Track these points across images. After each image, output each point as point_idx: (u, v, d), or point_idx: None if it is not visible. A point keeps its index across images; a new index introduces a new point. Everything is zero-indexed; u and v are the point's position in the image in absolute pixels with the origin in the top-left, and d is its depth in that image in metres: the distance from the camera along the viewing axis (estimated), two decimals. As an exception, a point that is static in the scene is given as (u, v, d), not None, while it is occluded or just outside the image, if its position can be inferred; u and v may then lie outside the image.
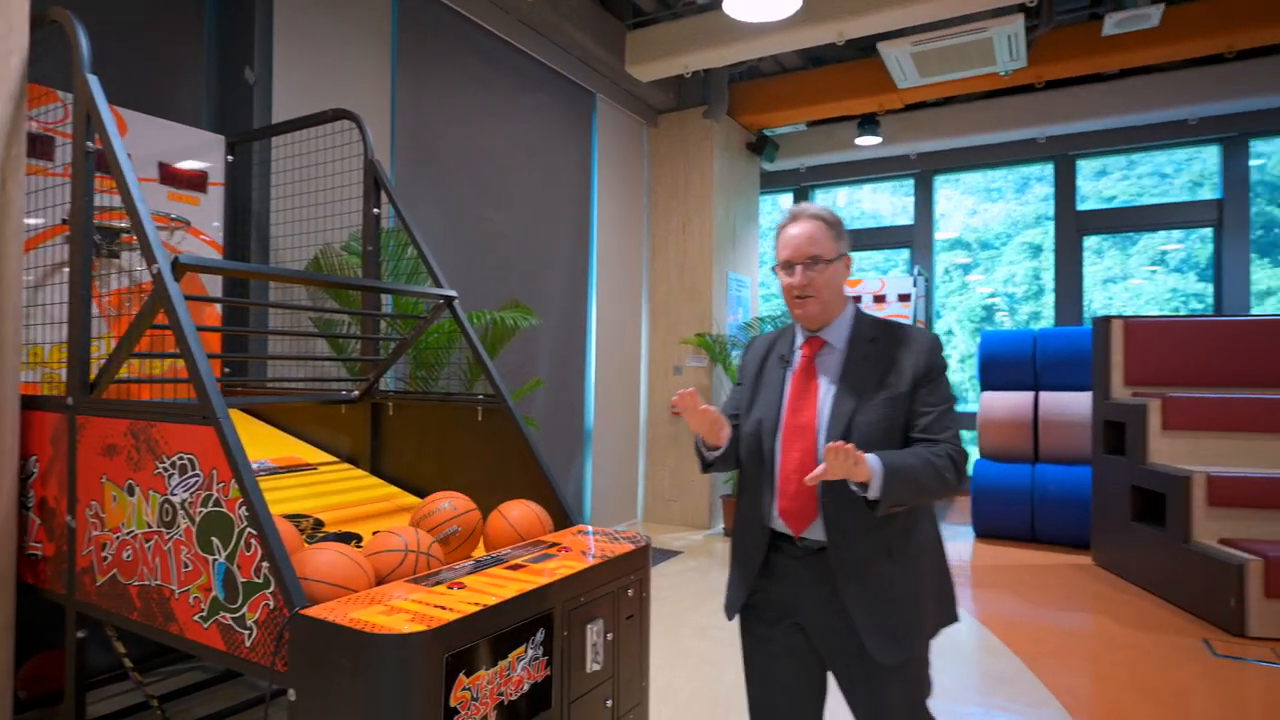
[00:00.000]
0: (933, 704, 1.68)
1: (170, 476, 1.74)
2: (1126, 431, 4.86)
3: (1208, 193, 7.15)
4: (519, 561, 1.82)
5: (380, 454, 2.75)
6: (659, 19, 5.63)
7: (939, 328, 8.40)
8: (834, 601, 1.60)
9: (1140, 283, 7.58)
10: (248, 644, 1.56)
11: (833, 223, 1.66)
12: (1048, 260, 7.86)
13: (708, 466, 1.78)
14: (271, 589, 1.52)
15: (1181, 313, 7.29)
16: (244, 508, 1.57)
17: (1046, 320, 7.86)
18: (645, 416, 6.58)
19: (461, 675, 1.45)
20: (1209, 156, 7.14)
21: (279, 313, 3.45)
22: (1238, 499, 4.15)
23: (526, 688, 1.61)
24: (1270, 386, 4.70)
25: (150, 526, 1.79)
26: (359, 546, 2.03)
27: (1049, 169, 7.66)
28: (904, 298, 7.44)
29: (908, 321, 7.07)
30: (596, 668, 1.82)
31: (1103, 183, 7.67)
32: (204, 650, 1.66)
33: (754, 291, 7.27)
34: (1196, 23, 5.12)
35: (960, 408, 8.31)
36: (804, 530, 1.63)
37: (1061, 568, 5.20)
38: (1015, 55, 5.31)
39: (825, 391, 1.65)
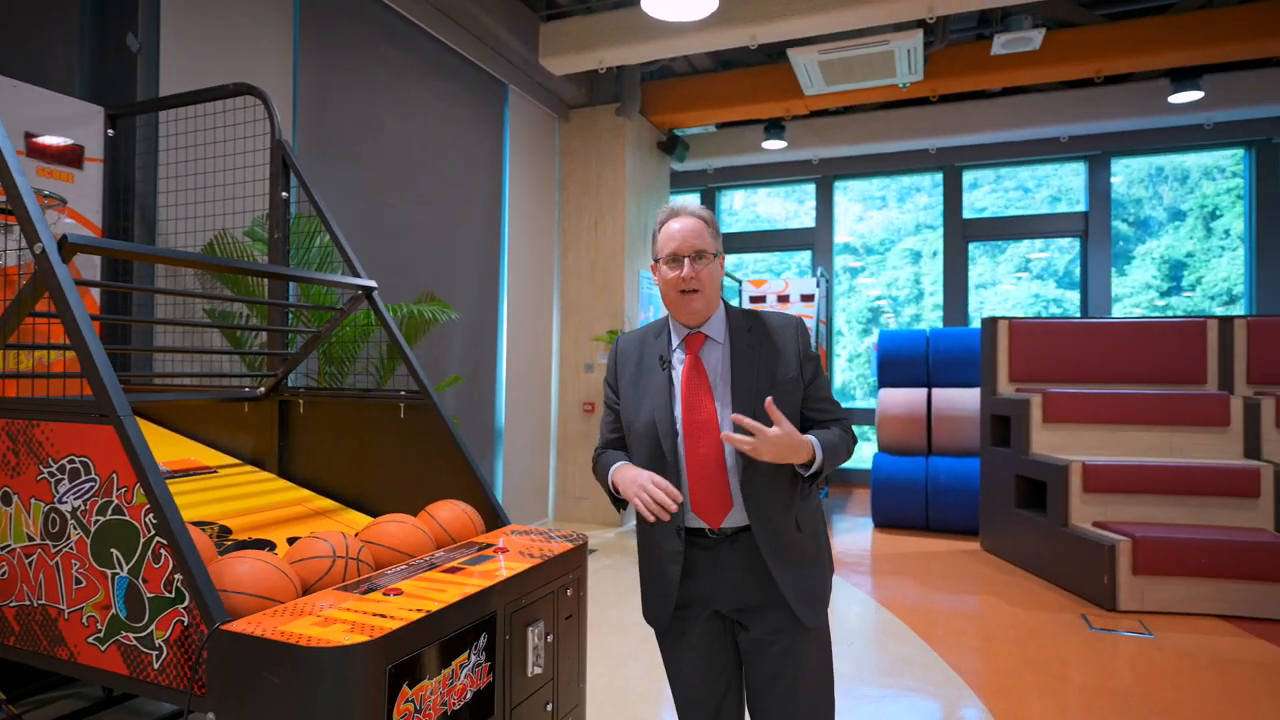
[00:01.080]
0: (848, 688, 1.73)
1: (58, 482, 1.54)
2: (1012, 425, 5.21)
3: (1065, 206, 7.78)
4: (456, 564, 1.74)
5: (289, 455, 2.57)
6: (572, 12, 5.57)
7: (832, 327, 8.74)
8: (757, 580, 1.64)
9: (1009, 288, 8.18)
10: (156, 666, 1.41)
11: (710, 221, 1.70)
12: (927, 265, 8.35)
13: (622, 505, 1.77)
14: (186, 604, 1.38)
15: (1043, 316, 7.90)
16: (151, 515, 1.41)
17: (927, 322, 8.35)
18: (556, 413, 6.50)
19: (404, 687, 1.36)
20: (1075, 171, 7.77)
21: (170, 305, 3.16)
22: (1110, 485, 4.53)
23: (469, 695, 1.54)
24: (1137, 382, 5.16)
25: (32, 539, 1.59)
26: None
27: (939, 178, 8.12)
28: (807, 298, 7.70)
29: (820, 324, 7.36)
30: (538, 670, 1.76)
31: (974, 195, 8.21)
32: (101, 675, 1.49)
33: (664, 290, 7.32)
34: (1071, 48, 5.56)
35: (855, 404, 8.70)
36: (722, 520, 1.64)
37: (953, 554, 5.53)
38: (913, 69, 5.59)
39: (720, 386, 1.66)
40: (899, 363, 6.80)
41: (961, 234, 7.96)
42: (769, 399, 1.51)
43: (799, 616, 1.63)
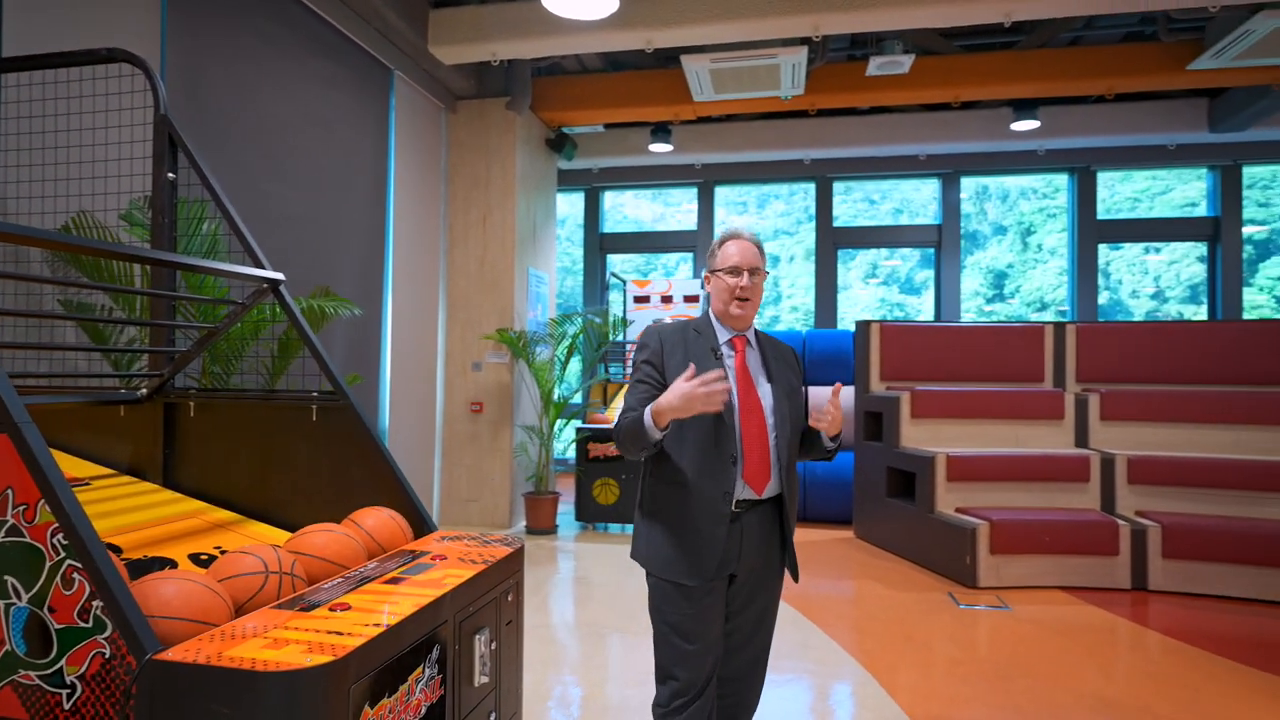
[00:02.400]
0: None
1: (-71, 502, 1.32)
2: (884, 420, 5.61)
3: (925, 219, 8.48)
4: (396, 574, 1.65)
5: (176, 463, 2.33)
6: (466, 1, 5.41)
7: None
8: (768, 543, 1.97)
9: (860, 293, 8.82)
10: (67, 706, 1.25)
11: (760, 244, 2.03)
12: (785, 270, 8.83)
13: (654, 446, 1.85)
14: (107, 633, 1.22)
15: (889, 319, 8.59)
16: (61, 535, 1.25)
17: (785, 324, 8.85)
18: (442, 414, 6.29)
19: (366, 708, 1.29)
20: (930, 187, 8.47)
21: (21, 297, 2.77)
22: (970, 474, 4.99)
23: (424, 711, 1.47)
24: (988, 381, 5.70)
25: (-109, 569, 1.35)
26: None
27: (811, 188, 8.59)
28: (691, 299, 7.91)
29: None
30: (484, 680, 1.71)
31: (842, 204, 8.79)
32: (-10, 722, 1.29)
33: (551, 289, 7.27)
34: (934, 75, 6.06)
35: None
36: (764, 490, 1.92)
37: (830, 542, 5.88)
38: (796, 83, 5.88)
39: (760, 381, 1.98)
40: (778, 362, 7.12)
41: (832, 241, 8.46)
42: (838, 384, 1.92)
43: (790, 571, 2.03)
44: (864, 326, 5.94)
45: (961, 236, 8.29)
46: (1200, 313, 8.02)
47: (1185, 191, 8.14)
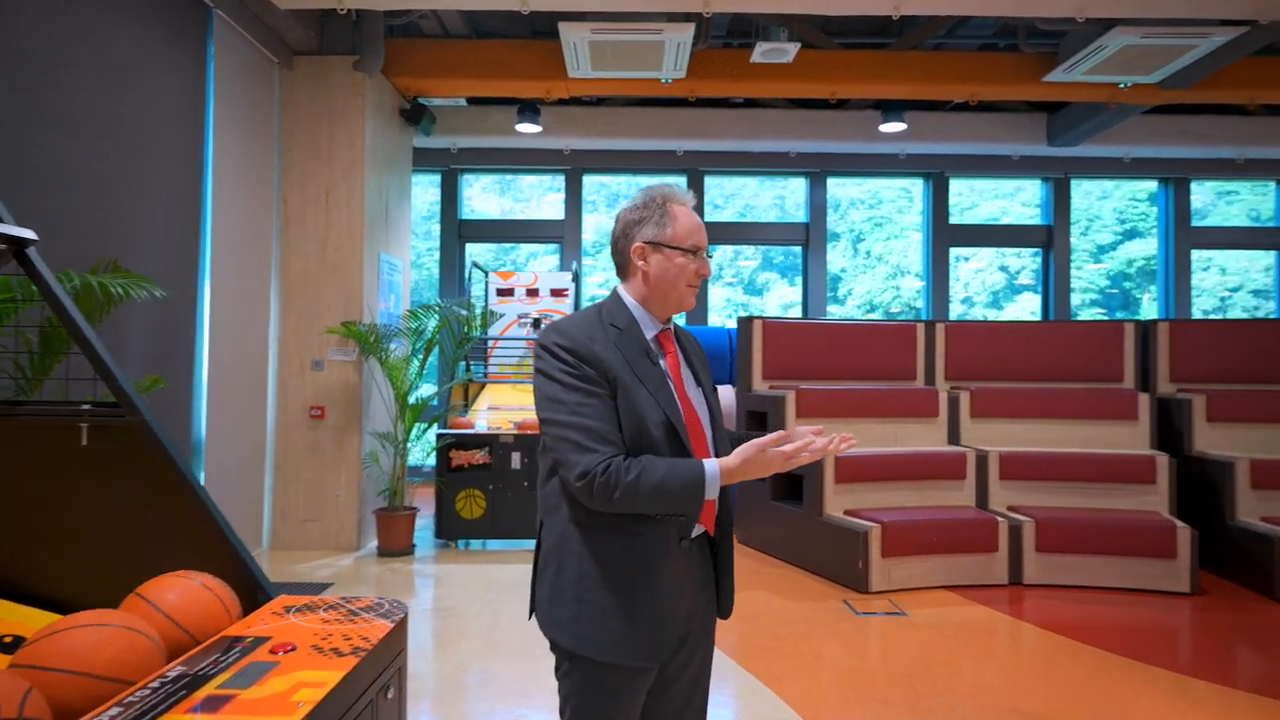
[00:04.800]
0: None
1: None
2: (768, 420, 5.42)
3: (796, 215, 8.53)
4: (217, 689, 1.06)
5: None
6: (305, -66, 4.60)
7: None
8: (709, 578, 1.60)
9: (713, 291, 8.76)
10: None
11: None
12: None
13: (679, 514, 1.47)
14: None
15: (733, 318, 8.63)
16: None
17: None
18: (274, 420, 5.38)
19: None
20: (799, 186, 8.51)
21: None
22: (855, 475, 4.88)
23: None
24: (866, 379, 5.66)
25: None
26: None
27: (683, 180, 8.35)
28: (558, 293, 7.40)
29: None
30: (357, 832, 1.16)
31: (714, 198, 8.67)
32: None
33: (406, 278, 6.50)
34: (815, 68, 5.96)
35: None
36: (712, 521, 1.57)
37: (712, 548, 5.61)
38: (678, 65, 5.56)
39: (689, 384, 1.60)
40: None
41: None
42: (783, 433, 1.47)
43: (725, 613, 1.64)
44: (747, 323, 5.74)
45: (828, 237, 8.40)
46: (1033, 315, 8.62)
47: (1005, 203, 8.74)
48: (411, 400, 5.42)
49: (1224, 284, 8.70)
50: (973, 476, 5.06)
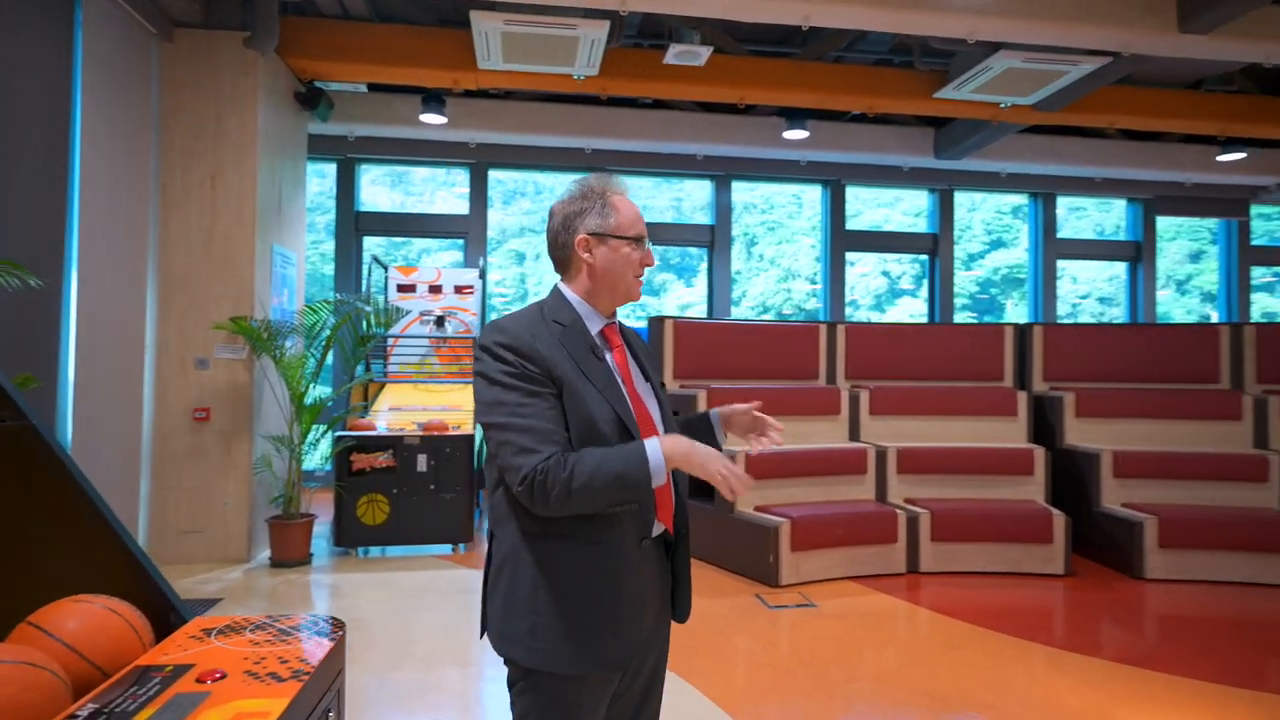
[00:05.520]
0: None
1: None
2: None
3: (702, 218, 8.67)
4: (141, 727, 0.95)
5: None
6: (191, -104, 4.25)
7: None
8: (666, 581, 1.56)
9: None
10: None
11: None
12: (531, 267, 8.53)
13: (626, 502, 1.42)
14: None
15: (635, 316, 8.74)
16: None
17: None
18: (151, 424, 4.94)
19: None
20: (704, 188, 8.66)
21: None
22: (765, 472, 5.00)
23: None
24: (772, 378, 5.82)
25: None
26: None
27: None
28: (463, 289, 7.20)
29: (473, 316, 6.89)
30: None
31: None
32: None
33: (300, 271, 6.13)
34: (725, 73, 6.08)
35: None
36: (670, 520, 1.53)
37: (624, 548, 5.61)
38: (592, 62, 5.52)
39: (638, 381, 1.56)
40: (562, 359, 6.73)
41: (611, 236, 8.26)
42: (757, 401, 1.59)
43: (682, 617, 1.59)
44: (658, 323, 5.77)
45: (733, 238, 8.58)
46: (920, 317, 9.15)
47: (887, 211, 9.26)
48: (309, 401, 5.12)
49: (1075, 291, 9.53)
50: (873, 471, 5.31)
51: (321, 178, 8.00)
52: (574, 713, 1.38)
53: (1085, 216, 9.51)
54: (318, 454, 5.45)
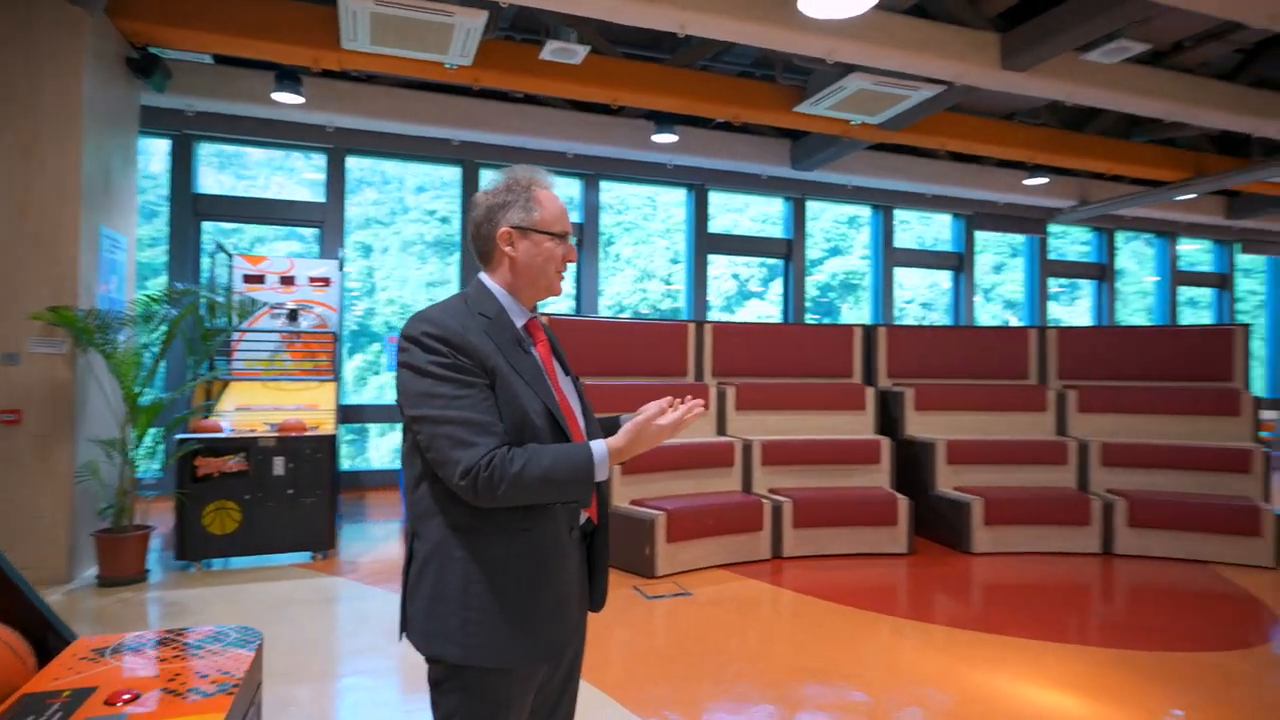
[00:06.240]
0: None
1: None
2: (555, 416, 5.47)
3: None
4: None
5: None
6: None
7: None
8: (584, 571, 1.59)
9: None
10: None
11: None
12: (379, 260, 8.27)
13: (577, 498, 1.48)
14: None
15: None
16: None
17: (382, 318, 8.35)
18: (-56, 430, 4.28)
19: None
20: (574, 187, 8.68)
21: None
22: (641, 466, 5.12)
23: None
24: (644, 375, 5.95)
25: None
26: None
27: (457, 172, 8.10)
28: (320, 281, 6.78)
29: (330, 311, 6.51)
30: None
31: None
32: None
33: (131, 257, 5.53)
34: (600, 73, 6.13)
35: (364, 399, 8.10)
36: (594, 511, 1.57)
37: (498, 547, 5.53)
38: (466, 52, 5.39)
39: (560, 374, 1.60)
40: (430, 356, 6.51)
41: (479, 230, 8.09)
42: (670, 397, 1.49)
43: (595, 606, 1.64)
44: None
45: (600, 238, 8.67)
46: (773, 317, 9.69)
47: (737, 216, 9.77)
48: (145, 401, 4.63)
49: (902, 297, 10.48)
50: (740, 464, 5.58)
51: (153, 156, 7.23)
52: (504, 706, 1.38)
53: (909, 229, 10.46)
54: (154, 459, 4.93)
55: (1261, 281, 12.41)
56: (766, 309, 9.78)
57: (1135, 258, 11.72)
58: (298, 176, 8.00)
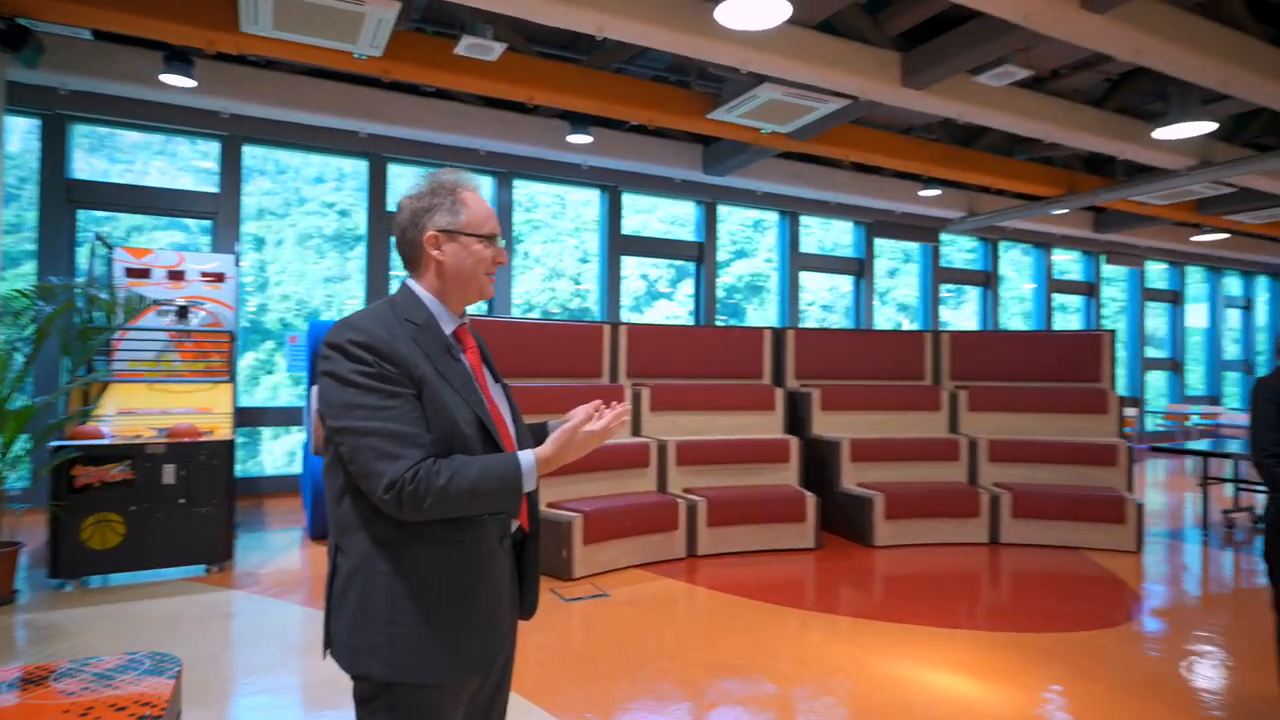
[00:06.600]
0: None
1: None
2: (469, 419, 5.37)
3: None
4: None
5: None
6: None
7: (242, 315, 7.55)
8: (514, 579, 1.56)
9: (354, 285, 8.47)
10: None
11: None
12: (272, 254, 7.96)
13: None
14: None
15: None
16: None
17: (275, 314, 8.05)
18: None
19: None
20: (487, 184, 8.54)
21: None
22: (571, 467, 5.08)
23: None
24: (566, 376, 5.93)
25: None
26: None
27: (363, 165, 7.81)
28: (213, 277, 6.39)
29: (225, 308, 6.14)
30: None
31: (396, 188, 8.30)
32: None
33: (-5, 247, 5.05)
34: (516, 71, 6.06)
35: (272, 403, 7.70)
36: (525, 519, 1.56)
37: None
38: (376, 43, 5.22)
39: (490, 381, 1.58)
40: (335, 357, 6.26)
41: (387, 229, 7.83)
42: (598, 402, 1.47)
43: (525, 614, 1.61)
44: (446, 320, 5.60)
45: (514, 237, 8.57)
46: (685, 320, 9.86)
47: (645, 217, 9.92)
48: (14, 405, 4.24)
49: (803, 299, 10.90)
50: (655, 464, 5.65)
51: (12, 135, 6.62)
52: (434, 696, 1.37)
53: (811, 234, 10.88)
54: (20, 469, 4.51)
55: (1122, 290, 13.61)
56: (675, 309, 9.93)
57: (1014, 266, 12.61)
58: (181, 163, 7.49)
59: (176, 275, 6.28)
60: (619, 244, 9.11)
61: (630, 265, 9.49)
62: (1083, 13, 4.57)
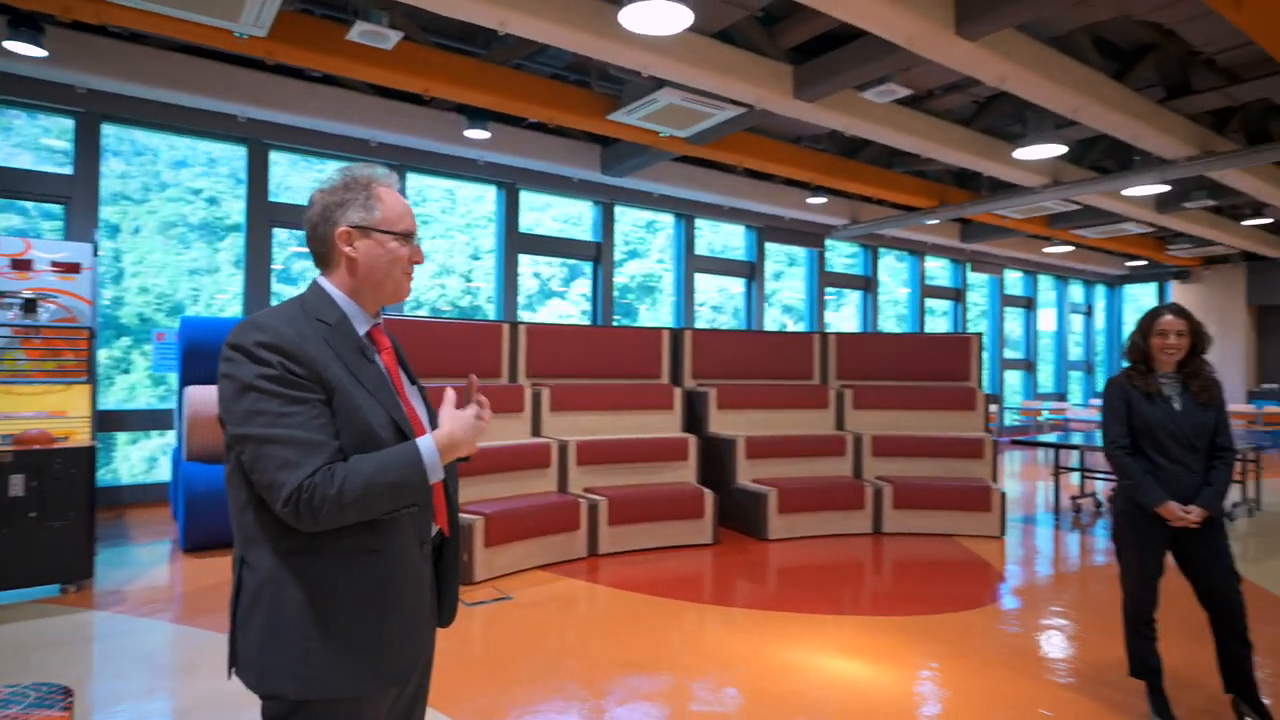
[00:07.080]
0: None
1: None
2: (362, 421, 5.16)
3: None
4: None
5: None
6: None
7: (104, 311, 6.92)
8: (432, 585, 1.53)
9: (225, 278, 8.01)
10: None
11: None
12: (127, 241, 7.44)
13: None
14: None
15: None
16: None
17: (135, 308, 7.54)
18: None
19: None
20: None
21: None
22: (471, 468, 4.98)
23: None
24: (464, 377, 5.80)
25: None
26: None
27: (242, 151, 7.32)
28: (66, 268, 5.82)
29: (81, 302, 5.60)
30: None
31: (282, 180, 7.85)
32: None
33: None
34: (412, 61, 5.87)
35: (160, 404, 7.10)
36: (444, 523, 1.54)
37: (295, 563, 5.11)
38: (260, 22, 4.91)
39: (406, 384, 1.55)
40: (210, 356, 5.86)
41: (268, 219, 7.39)
42: (472, 375, 1.48)
43: (444, 622, 1.60)
44: (336, 318, 5.35)
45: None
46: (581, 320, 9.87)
47: (538, 215, 9.91)
48: None
49: (696, 300, 11.17)
50: (555, 464, 5.63)
51: None
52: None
53: (702, 236, 11.16)
54: None
55: (984, 295, 14.78)
56: (567, 308, 9.91)
57: (890, 271, 13.42)
58: (20, 139, 6.75)
59: (22, 265, 5.68)
60: (517, 242, 9.00)
61: (524, 264, 9.38)
62: (957, 39, 4.93)
